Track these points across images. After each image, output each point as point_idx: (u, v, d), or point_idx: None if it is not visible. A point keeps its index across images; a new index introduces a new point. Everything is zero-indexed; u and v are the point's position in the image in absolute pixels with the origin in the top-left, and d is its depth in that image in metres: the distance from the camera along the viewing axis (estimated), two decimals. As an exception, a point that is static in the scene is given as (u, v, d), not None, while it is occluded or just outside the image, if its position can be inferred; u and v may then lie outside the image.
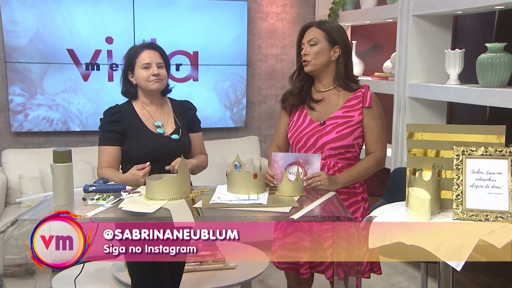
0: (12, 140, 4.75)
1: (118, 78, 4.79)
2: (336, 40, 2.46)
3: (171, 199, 2.11)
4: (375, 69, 4.90)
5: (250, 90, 5.35)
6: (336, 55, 2.47)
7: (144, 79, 2.48)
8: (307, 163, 2.36)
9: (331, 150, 2.42)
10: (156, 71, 2.48)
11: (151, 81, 2.48)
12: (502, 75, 3.27)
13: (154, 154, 2.42)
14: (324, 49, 2.45)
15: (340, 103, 2.47)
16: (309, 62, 2.45)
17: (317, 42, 2.45)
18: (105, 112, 2.52)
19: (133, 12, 4.83)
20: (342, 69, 2.47)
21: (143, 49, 2.52)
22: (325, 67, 2.47)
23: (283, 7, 5.36)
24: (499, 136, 2.05)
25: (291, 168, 2.36)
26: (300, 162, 2.36)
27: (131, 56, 2.53)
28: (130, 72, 2.53)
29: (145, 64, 2.48)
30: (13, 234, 1.87)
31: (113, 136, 2.46)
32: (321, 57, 2.45)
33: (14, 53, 4.58)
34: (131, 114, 2.51)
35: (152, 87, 2.50)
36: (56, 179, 2.07)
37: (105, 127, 2.49)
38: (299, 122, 2.50)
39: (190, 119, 2.63)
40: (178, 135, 2.53)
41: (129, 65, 2.53)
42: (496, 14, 3.85)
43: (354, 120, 2.45)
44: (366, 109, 2.46)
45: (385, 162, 2.55)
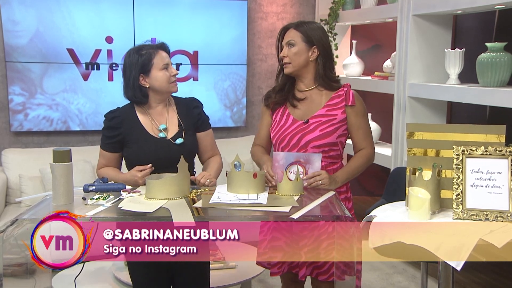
0: (12, 139, 4.76)
1: (118, 77, 4.87)
2: (313, 41, 2.47)
3: (170, 199, 2.11)
4: (375, 69, 4.90)
5: (250, 90, 5.35)
6: (315, 56, 2.48)
7: (166, 81, 2.38)
8: (308, 162, 2.36)
9: (314, 148, 2.43)
10: (175, 71, 2.42)
11: (173, 83, 2.41)
12: (502, 74, 3.27)
13: (155, 159, 2.35)
14: (302, 50, 2.46)
15: (322, 102, 2.48)
16: (288, 64, 2.47)
17: (295, 43, 2.46)
18: (105, 115, 2.45)
19: (133, 11, 4.83)
20: (321, 69, 2.49)
21: (157, 49, 2.41)
22: (304, 68, 2.48)
23: (283, 7, 5.36)
24: (499, 136, 2.05)
25: (291, 168, 2.36)
26: (301, 162, 2.36)
27: (145, 59, 2.37)
28: (144, 74, 2.39)
29: (164, 64, 2.39)
30: (13, 233, 1.87)
31: (111, 143, 2.42)
32: (299, 58, 2.46)
33: (14, 52, 4.58)
34: (131, 118, 2.43)
35: (173, 89, 2.42)
36: (56, 179, 2.07)
37: (104, 131, 2.45)
38: (282, 122, 2.51)
39: (196, 118, 2.51)
40: (182, 138, 2.43)
41: (143, 67, 2.37)
42: (496, 14, 3.85)
43: (337, 119, 2.46)
44: (350, 107, 2.47)
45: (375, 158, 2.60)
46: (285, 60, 2.48)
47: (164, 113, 2.48)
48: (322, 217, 2.03)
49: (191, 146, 2.47)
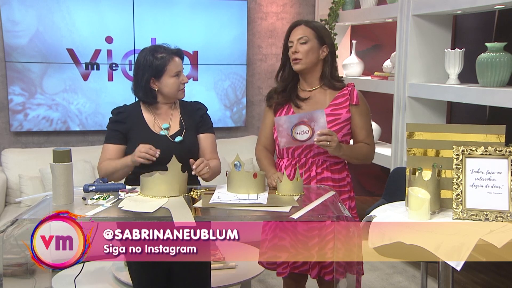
0: (12, 139, 4.75)
1: (118, 78, 4.88)
2: (324, 40, 2.48)
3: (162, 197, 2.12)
4: (375, 69, 4.90)
5: (250, 90, 5.35)
6: (324, 55, 2.48)
7: (175, 88, 2.42)
8: (312, 120, 2.31)
9: (320, 147, 2.43)
10: (186, 80, 2.45)
11: (181, 90, 2.45)
12: (502, 74, 3.27)
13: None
14: (314, 48, 2.45)
15: (327, 102, 2.48)
16: (300, 61, 2.44)
17: (308, 40, 2.44)
18: (112, 111, 2.51)
19: (133, 11, 4.83)
20: (328, 69, 2.49)
21: (173, 56, 2.42)
22: (314, 66, 2.48)
23: (283, 7, 5.36)
24: (499, 136, 2.06)
25: (297, 129, 2.32)
26: (305, 121, 2.31)
27: (160, 64, 2.39)
28: (155, 78, 2.41)
29: (177, 72, 2.41)
30: (13, 233, 1.87)
31: (117, 135, 2.45)
32: (311, 55, 2.45)
33: (14, 52, 4.58)
34: (136, 115, 2.47)
35: (180, 96, 2.47)
36: (56, 179, 2.07)
37: (109, 125, 2.49)
38: None
39: (198, 119, 2.52)
40: (181, 136, 2.46)
41: (156, 71, 2.39)
42: (496, 14, 3.85)
43: (342, 118, 2.46)
44: (354, 106, 2.47)
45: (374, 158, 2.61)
46: (296, 56, 2.45)
47: (168, 113, 2.51)
48: (322, 217, 2.03)
49: (190, 145, 2.47)
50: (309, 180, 2.46)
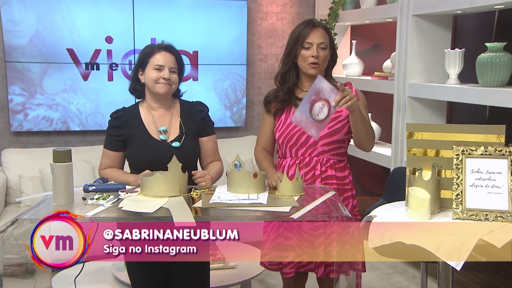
0: (12, 139, 4.75)
1: (118, 78, 4.88)
2: (332, 43, 2.51)
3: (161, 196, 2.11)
4: (375, 69, 4.90)
5: (250, 90, 5.35)
6: (328, 57, 2.50)
7: (153, 80, 2.39)
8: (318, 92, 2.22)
9: (324, 146, 2.43)
10: (167, 75, 2.39)
11: (160, 84, 2.39)
12: (501, 74, 3.27)
13: (153, 161, 2.35)
14: (328, 55, 2.48)
15: None
16: (318, 66, 2.44)
17: (327, 46, 2.46)
18: (111, 115, 2.48)
19: (133, 11, 4.83)
20: (330, 69, 2.53)
21: (160, 50, 2.42)
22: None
23: (283, 7, 5.36)
24: (498, 136, 2.06)
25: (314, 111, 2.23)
26: (314, 99, 2.22)
27: (145, 55, 2.42)
28: (141, 70, 2.44)
29: (157, 65, 2.39)
30: (13, 233, 1.87)
31: (115, 142, 2.43)
32: (327, 61, 2.49)
33: (14, 52, 4.58)
34: (135, 119, 2.44)
35: (159, 90, 2.40)
36: (56, 179, 2.07)
37: (109, 131, 2.47)
38: (288, 121, 2.49)
39: (199, 122, 2.49)
40: (180, 142, 2.43)
41: (141, 63, 2.43)
42: (496, 14, 3.85)
43: (343, 115, 2.47)
44: None
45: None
46: (317, 61, 2.42)
47: (167, 115, 2.48)
48: (322, 217, 2.03)
49: (189, 151, 2.45)
50: (314, 179, 2.46)
